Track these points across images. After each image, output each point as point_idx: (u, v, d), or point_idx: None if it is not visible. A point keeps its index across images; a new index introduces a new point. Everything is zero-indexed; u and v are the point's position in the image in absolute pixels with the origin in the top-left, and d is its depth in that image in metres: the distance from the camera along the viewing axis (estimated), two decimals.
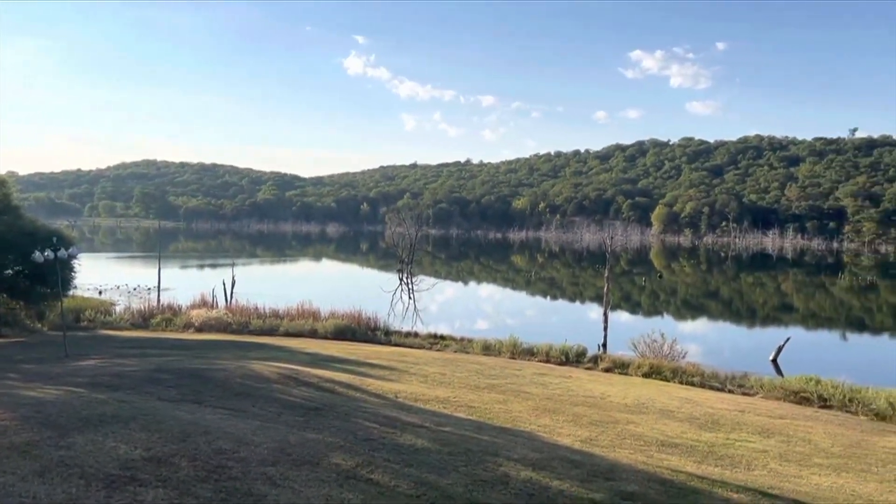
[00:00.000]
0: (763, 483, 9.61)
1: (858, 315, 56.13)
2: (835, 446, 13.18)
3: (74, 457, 7.04)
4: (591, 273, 79.88)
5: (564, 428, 12.33)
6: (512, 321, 43.29)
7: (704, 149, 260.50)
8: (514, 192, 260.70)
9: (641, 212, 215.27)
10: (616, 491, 7.89)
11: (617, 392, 17.52)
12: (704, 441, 12.40)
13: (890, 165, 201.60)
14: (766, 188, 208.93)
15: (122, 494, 6.08)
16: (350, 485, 7.01)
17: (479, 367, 20.05)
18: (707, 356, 29.69)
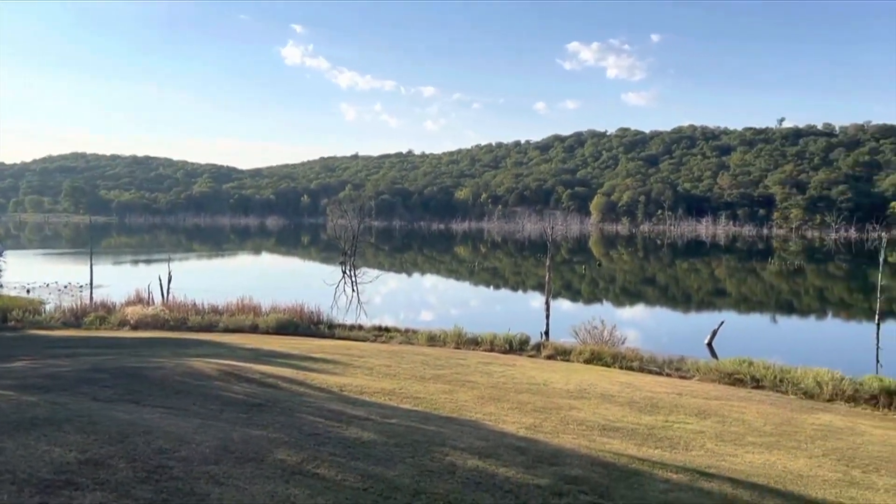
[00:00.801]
0: (700, 463, 9.93)
1: (787, 298, 58.51)
2: (767, 425, 13.72)
3: (5, 462, 6.75)
4: (533, 262, 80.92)
5: (509, 415, 12.47)
6: (456, 311, 43.51)
7: (640, 139, 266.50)
8: (457, 183, 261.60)
9: (581, 201, 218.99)
10: (560, 476, 8.03)
11: (559, 379, 17.81)
12: (644, 424, 12.73)
13: (815, 154, 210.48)
14: (699, 177, 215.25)
15: (58, 499, 5.86)
16: (296, 480, 6.93)
17: (424, 358, 20.08)
18: (646, 341, 30.49)
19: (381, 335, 27.42)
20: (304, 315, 29.26)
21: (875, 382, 18.43)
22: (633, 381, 18.54)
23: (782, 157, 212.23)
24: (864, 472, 10.44)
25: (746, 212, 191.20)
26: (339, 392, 13.43)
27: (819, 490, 9.08)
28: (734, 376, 20.13)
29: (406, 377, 16.24)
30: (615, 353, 23.12)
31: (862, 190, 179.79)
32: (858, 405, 17.61)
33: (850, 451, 11.93)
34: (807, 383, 18.80)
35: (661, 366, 22.26)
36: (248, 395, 11.87)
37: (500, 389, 15.44)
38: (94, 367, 14.02)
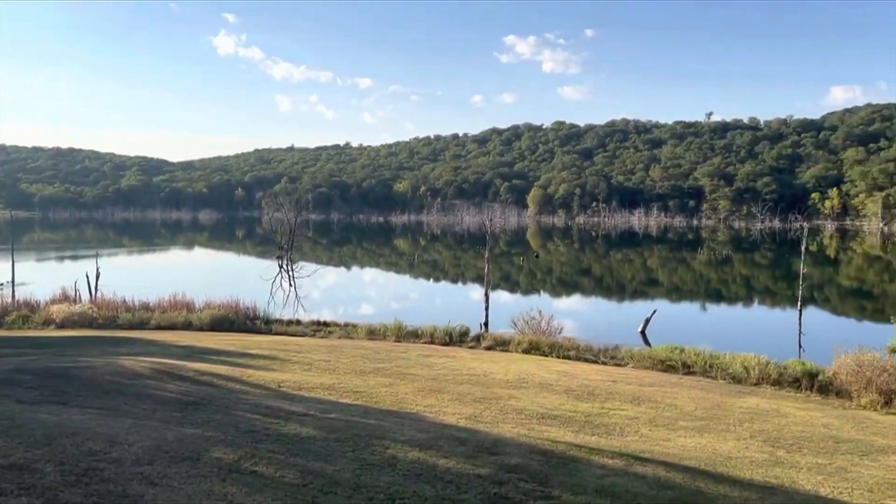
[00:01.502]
0: (635, 448, 10.21)
1: (716, 287, 60.62)
2: (698, 409, 14.20)
3: None
4: (473, 254, 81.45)
5: (450, 407, 12.54)
6: (396, 305, 43.45)
7: (575, 132, 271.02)
8: (396, 175, 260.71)
9: (518, 194, 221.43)
10: (500, 465, 8.13)
11: (499, 369, 18.01)
12: (581, 411, 13.00)
13: (741, 147, 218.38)
14: (632, 169, 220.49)
15: None
16: (233, 478, 6.81)
17: (364, 352, 19.97)
18: (582, 330, 31.11)
19: (320, 330, 27.14)
20: (240, 311, 28.68)
21: (798, 366, 19.29)
22: (570, 370, 18.89)
23: (711, 150, 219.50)
24: (789, 452, 10.93)
25: (677, 203, 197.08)
26: (277, 388, 13.23)
27: (747, 470, 9.45)
28: (666, 363, 20.75)
29: (346, 371, 16.13)
30: (553, 343, 23.51)
31: (785, 182, 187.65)
32: (783, 388, 18.41)
33: (775, 432, 12.47)
34: (735, 368, 19.53)
35: (597, 354, 22.76)
36: (183, 394, 11.57)
37: (441, 381, 15.50)
38: (17, 367, 13.41)
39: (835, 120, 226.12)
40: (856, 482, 9.26)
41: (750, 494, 8.09)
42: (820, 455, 10.90)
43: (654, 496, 7.51)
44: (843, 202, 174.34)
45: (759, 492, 8.28)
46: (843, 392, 17.36)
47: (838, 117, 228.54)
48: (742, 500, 7.81)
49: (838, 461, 10.55)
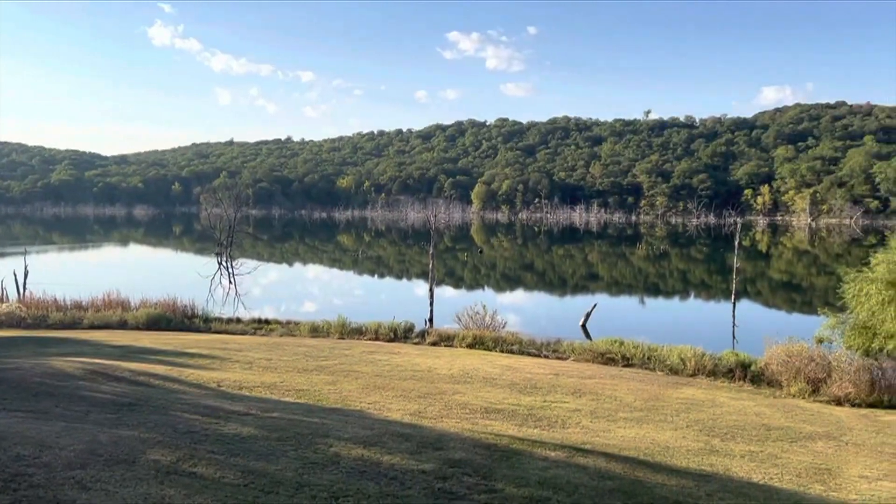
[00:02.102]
0: (577, 439, 10.39)
1: (654, 281, 62.15)
2: (637, 401, 14.53)
3: None
4: (417, 250, 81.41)
5: (394, 403, 12.51)
6: (340, 301, 43.06)
7: (518, 129, 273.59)
8: (339, 170, 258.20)
9: (462, 190, 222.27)
10: (444, 460, 8.15)
11: (443, 364, 18.06)
12: (524, 405, 13.15)
13: (678, 145, 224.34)
14: (573, 166, 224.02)
15: None
16: (171, 480, 6.63)
17: (307, 350, 19.75)
18: (525, 325, 31.47)
19: (261, 328, 26.69)
20: (178, 309, 27.96)
21: (732, 357, 19.96)
22: (513, 364, 19.09)
23: (649, 148, 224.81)
24: (723, 441, 11.30)
25: (616, 199, 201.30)
26: (217, 387, 12.96)
27: (684, 459, 9.73)
28: (607, 355, 21.18)
29: (288, 370, 15.91)
30: (496, 338, 23.70)
31: (719, 178, 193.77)
32: (718, 379, 19.01)
33: (710, 421, 12.87)
34: (672, 360, 20.07)
35: (540, 348, 23.05)
36: (118, 395, 11.22)
37: (385, 378, 15.45)
38: None
39: (766, 119, 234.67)
40: (785, 468, 9.64)
41: (687, 482, 8.33)
42: (752, 443, 11.30)
43: (595, 487, 7.65)
44: (773, 198, 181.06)
45: (696, 480, 8.53)
46: (774, 381, 18.04)
47: (769, 116, 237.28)
48: (679, 488, 8.03)
49: (769, 448, 10.96)
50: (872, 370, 16.89)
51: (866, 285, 18.31)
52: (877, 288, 17.92)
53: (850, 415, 14.89)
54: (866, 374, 16.67)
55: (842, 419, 14.23)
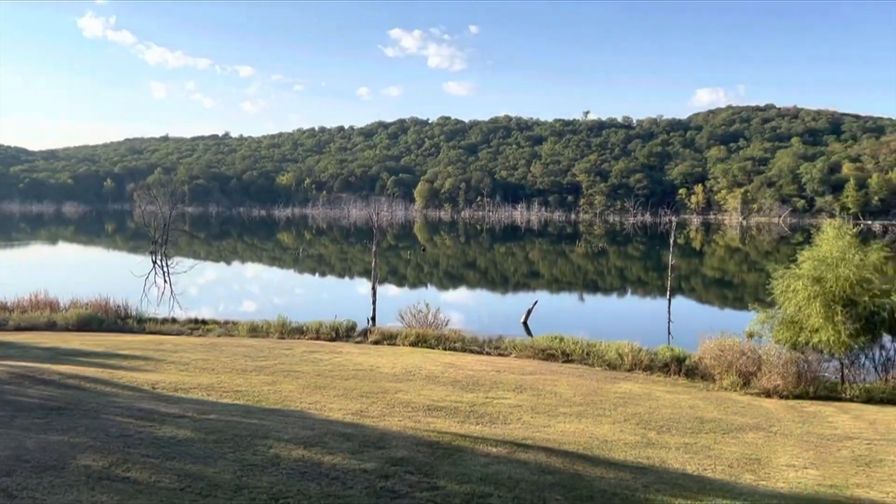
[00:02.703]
0: (518, 435, 10.50)
1: (593, 278, 63.36)
2: (576, 396, 14.79)
3: None
4: (360, 248, 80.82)
5: (335, 403, 12.40)
6: (280, 301, 42.42)
7: (460, 128, 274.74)
8: (279, 167, 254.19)
9: (405, 188, 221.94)
10: (386, 458, 8.12)
11: (386, 363, 17.99)
12: (466, 402, 13.21)
13: (616, 145, 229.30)
14: (514, 165, 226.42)
15: None
16: (103, 486, 6.40)
17: (246, 350, 19.38)
18: (468, 322, 31.61)
19: (198, 328, 26.04)
20: (110, 309, 27.02)
21: (667, 352, 20.51)
22: (456, 362, 19.16)
23: (588, 148, 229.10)
24: (659, 434, 11.60)
25: (557, 198, 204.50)
26: (152, 390, 12.60)
27: (621, 452, 9.94)
28: (547, 352, 21.48)
29: (226, 371, 15.58)
30: (439, 335, 23.74)
31: (655, 178, 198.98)
32: (654, 373, 19.51)
33: (647, 415, 13.19)
34: (610, 356, 20.50)
35: (482, 345, 23.20)
36: (46, 399, 10.77)
37: (327, 377, 15.29)
38: None
39: (700, 120, 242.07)
40: (718, 459, 9.96)
41: (624, 475, 8.52)
42: (687, 435, 11.64)
43: (536, 481, 7.74)
44: (707, 197, 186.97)
45: (633, 472, 8.73)
46: (707, 375, 18.62)
47: (703, 118, 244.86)
48: (617, 480, 8.20)
49: (703, 440, 11.30)
50: (799, 363, 17.61)
51: (793, 282, 19.08)
52: (803, 284, 18.70)
53: (779, 406, 15.50)
54: (793, 366, 17.37)
55: (771, 410, 14.79)
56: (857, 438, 12.16)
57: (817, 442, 11.72)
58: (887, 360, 18.93)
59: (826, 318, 17.90)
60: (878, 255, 18.97)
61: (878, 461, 10.42)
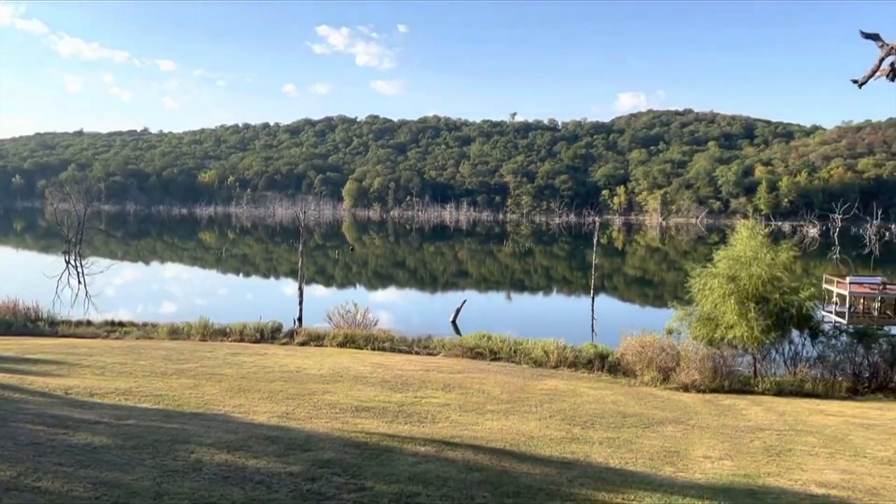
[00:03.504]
0: (446, 433, 10.54)
1: (520, 277, 64.34)
2: (503, 393, 14.96)
3: None
4: (286, 248, 79.47)
5: (260, 405, 12.14)
6: (203, 302, 41.29)
7: (389, 127, 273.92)
8: (201, 164, 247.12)
9: (333, 187, 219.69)
10: (313, 461, 8.00)
11: (313, 364, 17.75)
12: (395, 401, 13.17)
13: (542, 147, 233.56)
14: (443, 165, 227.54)
15: None
16: (10, 497, 6.06)
17: (166, 353, 18.75)
18: (397, 322, 31.56)
19: (115, 331, 25.03)
20: (19, 312, 25.65)
21: (591, 349, 21.03)
22: (384, 362, 19.08)
23: (515, 149, 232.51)
24: (583, 429, 11.86)
25: (485, 198, 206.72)
26: (65, 395, 12.02)
27: (547, 448, 10.12)
28: (475, 350, 21.67)
29: (144, 374, 15.03)
30: (368, 336, 23.60)
31: (580, 179, 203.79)
32: (578, 370, 19.96)
33: (571, 411, 13.48)
34: (536, 353, 20.85)
35: (411, 345, 23.20)
36: None
37: (251, 380, 14.96)
38: None
39: (622, 124, 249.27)
40: (639, 452, 10.27)
41: (550, 470, 8.67)
42: (610, 430, 11.95)
43: (464, 479, 7.79)
44: (629, 199, 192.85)
45: (558, 467, 8.89)
46: (629, 371, 19.18)
47: (625, 121, 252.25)
48: (543, 476, 8.34)
49: (625, 434, 11.63)
50: (715, 358, 18.36)
51: (709, 280, 19.90)
52: (718, 282, 19.53)
53: (696, 400, 16.11)
54: (710, 361, 18.10)
55: (689, 404, 15.36)
56: (768, 429, 12.76)
57: (732, 434, 12.23)
58: (795, 355, 19.95)
59: (740, 315, 18.74)
60: (787, 255, 19.99)
61: (787, 451, 10.97)
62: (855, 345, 19.23)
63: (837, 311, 40.17)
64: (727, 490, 8.33)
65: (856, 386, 18.35)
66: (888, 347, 18.92)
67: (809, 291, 19.92)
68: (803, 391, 17.89)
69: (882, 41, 6.08)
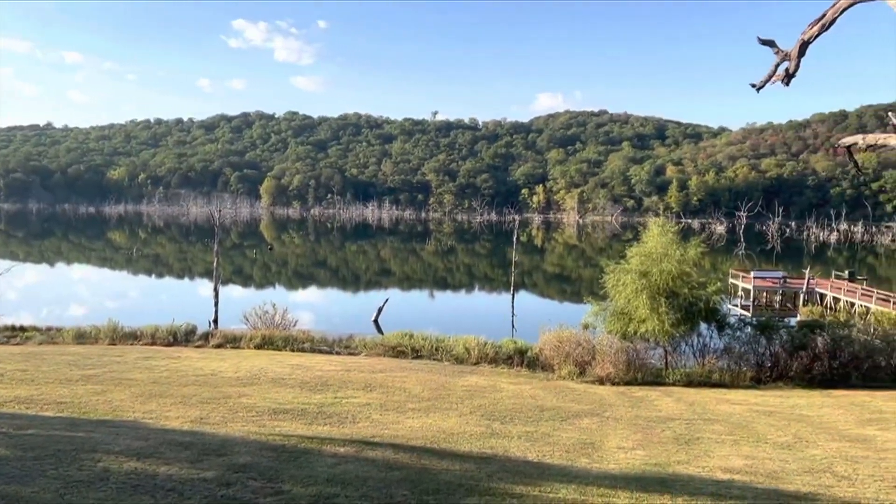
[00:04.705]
0: (366, 433, 10.48)
1: (443, 275, 64.65)
2: (425, 391, 15.00)
3: None
4: (201, 248, 77.15)
5: (173, 410, 11.74)
6: (113, 304, 39.61)
7: (309, 123, 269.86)
8: (109, 161, 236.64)
9: (250, 184, 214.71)
10: (228, 465, 7.80)
11: (229, 367, 17.31)
12: (315, 403, 13.00)
13: (463, 146, 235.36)
14: (365, 163, 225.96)
15: None
16: None
17: (71, 359, 17.87)
18: (318, 322, 31.18)
19: (15, 336, 23.65)
20: None
21: (511, 345, 21.34)
22: (304, 363, 18.80)
23: (437, 148, 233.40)
24: (503, 424, 12.03)
25: (407, 197, 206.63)
26: None
27: (466, 444, 10.21)
28: (397, 349, 21.64)
29: (47, 381, 14.28)
30: (287, 337, 23.19)
31: (500, 178, 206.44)
32: (499, 365, 20.22)
33: (491, 406, 13.65)
34: (458, 350, 21.01)
35: (332, 345, 22.94)
36: None
37: (163, 384, 14.45)
38: None
39: (540, 124, 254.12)
40: (556, 445, 10.50)
41: (469, 466, 8.75)
42: (528, 424, 12.17)
43: (383, 478, 7.76)
44: (547, 197, 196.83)
45: (477, 463, 8.99)
46: (547, 366, 19.59)
47: (543, 121, 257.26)
48: (462, 472, 8.41)
49: (543, 428, 11.87)
50: (629, 351, 18.98)
51: (623, 276, 20.57)
52: (631, 278, 20.21)
53: (611, 392, 16.61)
54: (623, 355, 18.69)
55: (604, 397, 15.82)
56: (678, 419, 13.29)
57: (644, 424, 12.67)
58: (704, 347, 20.86)
59: (651, 309, 19.46)
60: (695, 251, 20.88)
61: (695, 439, 11.46)
62: (758, 336, 20.26)
63: (743, 305, 42.33)
64: (639, 479, 8.62)
65: (759, 375, 19.34)
66: (788, 338, 20.03)
67: (716, 286, 20.89)
68: (711, 381, 18.72)
69: (777, 48, 6.42)
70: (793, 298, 43.62)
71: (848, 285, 40.32)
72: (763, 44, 6.45)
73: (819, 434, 12.33)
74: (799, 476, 9.21)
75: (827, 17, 5.79)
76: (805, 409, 15.25)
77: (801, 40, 6.03)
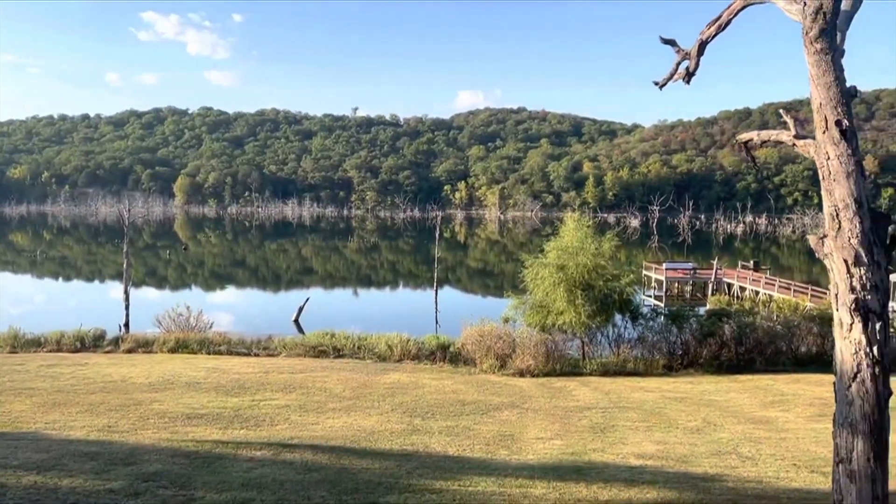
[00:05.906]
0: (284, 436, 10.28)
1: (366, 272, 64.24)
2: (346, 390, 14.85)
3: None
4: (111, 249, 73.93)
5: (78, 420, 11.20)
6: (16, 310, 37.48)
7: (224, 119, 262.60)
8: (9, 159, 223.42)
9: (163, 182, 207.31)
10: (137, 474, 7.50)
11: (140, 372, 16.64)
12: (231, 406, 12.66)
13: (385, 142, 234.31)
14: (284, 160, 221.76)
15: None
16: None
17: None
18: (237, 324, 30.41)
19: None
20: None
21: (433, 341, 21.38)
22: (220, 365, 18.29)
23: (358, 144, 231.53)
24: (424, 420, 12.04)
25: (329, 194, 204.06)
26: None
27: (387, 442, 10.17)
28: (318, 348, 21.32)
29: None
30: (202, 339, 22.48)
31: (422, 175, 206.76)
32: (422, 362, 20.22)
33: (413, 403, 13.64)
34: (380, 348, 20.89)
35: (250, 346, 22.38)
36: None
37: (68, 393, 13.75)
38: None
39: (462, 121, 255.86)
40: (477, 438, 10.59)
41: (390, 464, 8.72)
42: (450, 418, 12.23)
43: (301, 480, 7.64)
44: (469, 194, 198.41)
45: (398, 460, 8.96)
46: (469, 360, 19.73)
47: (464, 119, 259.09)
48: (382, 470, 8.37)
49: (464, 422, 11.95)
50: (548, 343, 19.35)
51: (541, 270, 20.94)
52: (549, 272, 20.60)
53: (531, 384, 16.89)
54: (543, 347, 19.05)
55: (524, 389, 16.07)
56: (594, 408, 13.64)
57: (562, 414, 12.95)
58: (619, 337, 21.49)
59: (569, 302, 19.90)
60: (609, 245, 21.48)
61: (611, 427, 11.79)
62: (669, 325, 21.01)
63: (656, 295, 43.90)
64: (556, 468, 8.80)
65: (671, 363, 20.08)
66: (697, 326, 20.87)
67: (629, 278, 21.54)
68: (626, 370, 19.31)
69: (678, 47, 6.65)
70: (702, 288, 45.57)
71: (753, 275, 42.44)
72: (665, 43, 6.67)
73: (726, 418, 12.91)
74: (707, 458, 9.62)
75: (723, 18, 6.03)
76: (714, 394, 15.93)
77: (700, 40, 6.27)
